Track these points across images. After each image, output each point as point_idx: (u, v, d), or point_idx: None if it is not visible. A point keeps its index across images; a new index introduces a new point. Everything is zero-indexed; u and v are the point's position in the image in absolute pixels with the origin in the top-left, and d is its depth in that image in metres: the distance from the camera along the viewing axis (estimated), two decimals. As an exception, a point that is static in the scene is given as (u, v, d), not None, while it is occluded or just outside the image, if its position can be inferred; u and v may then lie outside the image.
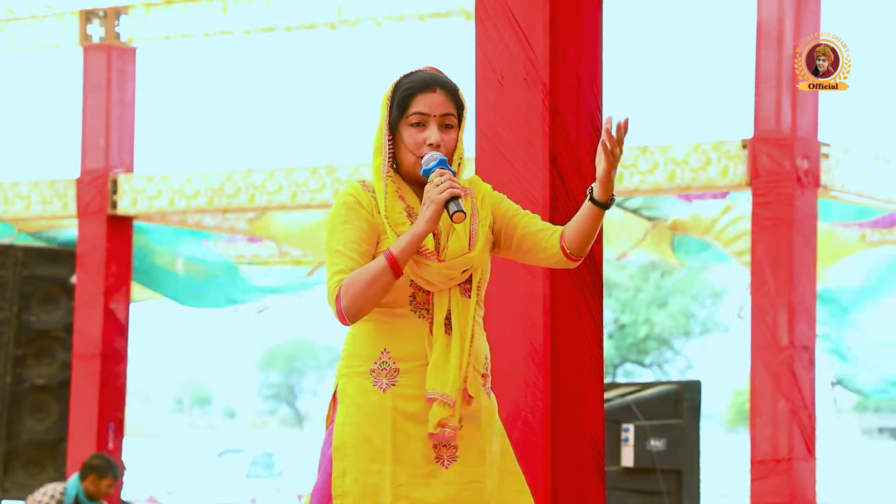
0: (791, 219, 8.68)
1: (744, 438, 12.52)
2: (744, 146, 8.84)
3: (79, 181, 10.85)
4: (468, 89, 4.70)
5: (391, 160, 3.85)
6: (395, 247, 3.71)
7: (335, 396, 3.87)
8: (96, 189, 10.75)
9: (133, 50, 10.89)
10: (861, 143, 9.58)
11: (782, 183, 8.71)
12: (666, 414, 8.83)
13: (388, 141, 3.84)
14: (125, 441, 10.74)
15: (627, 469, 8.69)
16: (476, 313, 3.84)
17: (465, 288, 3.82)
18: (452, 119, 3.84)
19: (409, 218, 3.81)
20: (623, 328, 39.21)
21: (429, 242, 3.77)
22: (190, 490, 27.73)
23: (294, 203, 10.27)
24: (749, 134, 8.85)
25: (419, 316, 3.80)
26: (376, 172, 3.85)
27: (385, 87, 3.87)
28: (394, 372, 3.78)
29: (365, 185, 3.85)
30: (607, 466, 8.11)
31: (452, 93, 3.85)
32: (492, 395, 3.91)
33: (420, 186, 3.82)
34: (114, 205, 10.75)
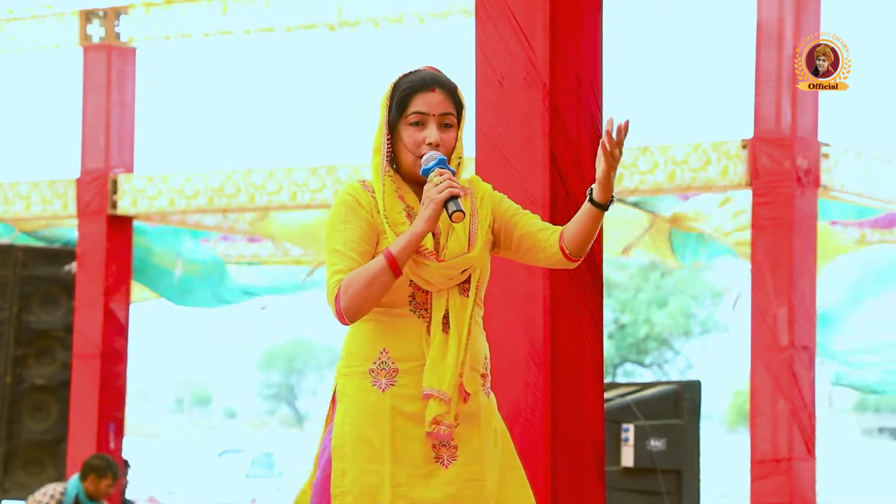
0: (791, 219, 8.68)
1: (744, 438, 12.52)
2: (744, 146, 8.83)
3: (79, 181, 10.85)
4: (468, 89, 4.70)
5: (390, 160, 3.85)
6: (395, 246, 3.70)
7: (334, 396, 3.87)
8: (96, 189, 10.75)
9: (133, 50, 10.89)
10: (861, 143, 9.57)
11: (782, 183, 8.71)
12: (666, 414, 8.83)
13: (388, 140, 3.84)
14: (125, 441, 10.74)
15: (627, 469, 8.69)
16: (475, 313, 3.84)
17: (464, 287, 3.82)
18: (452, 118, 3.84)
19: (409, 218, 3.81)
20: (623, 328, 39.21)
21: (428, 242, 3.77)
22: (190, 490, 27.74)
23: (294, 203, 10.27)
24: (749, 134, 8.85)
25: (418, 316, 3.79)
26: (376, 172, 3.85)
27: (384, 87, 3.87)
28: (393, 372, 3.78)
29: (365, 185, 3.85)
30: (607, 466, 8.11)
31: (451, 92, 3.85)
32: (491, 395, 3.91)
33: (420, 186, 3.82)
34: (114, 205, 10.74)
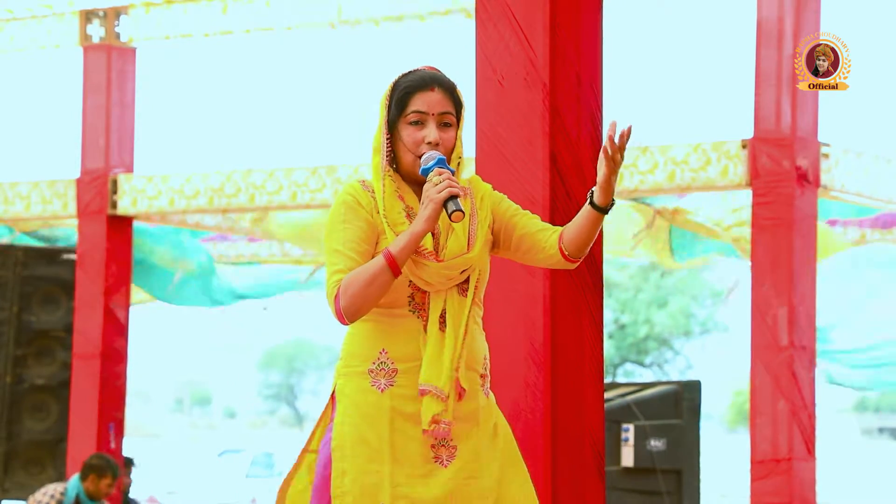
0: (791, 219, 8.68)
1: (744, 438, 12.51)
2: (744, 146, 8.83)
3: (79, 181, 10.85)
4: (468, 89, 4.70)
5: (390, 160, 3.85)
6: (394, 246, 3.70)
7: (333, 396, 3.87)
8: (96, 189, 10.74)
9: (133, 50, 10.89)
10: (861, 143, 9.57)
11: (782, 183, 8.71)
12: (666, 414, 8.83)
13: (387, 140, 3.84)
14: (125, 441, 10.74)
15: (627, 469, 8.69)
16: (475, 313, 3.84)
17: (463, 288, 3.81)
18: (451, 118, 3.84)
19: (409, 218, 3.80)
20: (623, 328, 39.21)
21: (427, 242, 3.76)
22: (190, 490, 27.74)
23: (294, 203, 10.27)
24: (749, 134, 8.85)
25: (418, 316, 3.79)
26: (375, 172, 3.85)
27: (384, 87, 3.87)
28: (392, 372, 3.78)
29: (364, 185, 3.85)
30: (607, 466, 8.11)
31: (451, 91, 3.85)
32: (491, 395, 3.91)
33: (420, 186, 3.82)
34: (114, 205, 10.74)
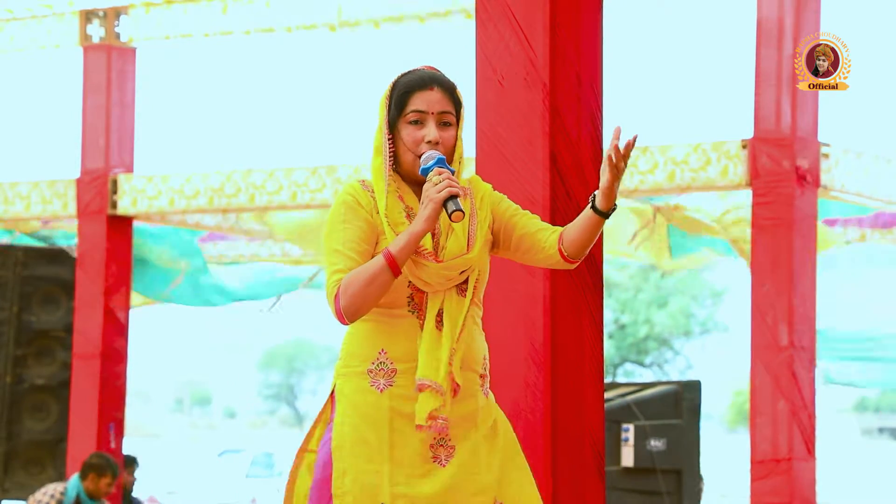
0: (791, 219, 8.67)
1: (744, 438, 12.51)
2: (744, 146, 8.82)
3: (79, 181, 10.84)
4: (468, 89, 4.70)
5: (392, 160, 3.84)
6: (394, 246, 3.70)
7: (332, 395, 3.87)
8: (96, 189, 10.74)
9: (133, 50, 10.88)
10: (861, 143, 9.56)
11: (782, 183, 8.71)
12: (666, 414, 8.83)
13: (388, 140, 3.84)
14: (125, 441, 10.74)
15: (627, 469, 8.69)
16: (474, 313, 3.84)
17: (461, 288, 3.81)
18: (451, 117, 3.84)
19: (409, 218, 3.80)
20: (623, 328, 39.23)
21: (427, 243, 3.76)
22: (190, 490, 27.75)
23: (294, 203, 10.26)
24: (749, 134, 8.84)
25: (417, 317, 3.79)
26: (376, 172, 3.84)
27: (384, 87, 3.87)
28: (391, 372, 3.78)
29: (364, 185, 3.84)
30: (607, 466, 8.11)
31: (450, 91, 3.85)
32: (490, 395, 3.91)
33: (419, 186, 3.81)
34: (114, 205, 10.73)
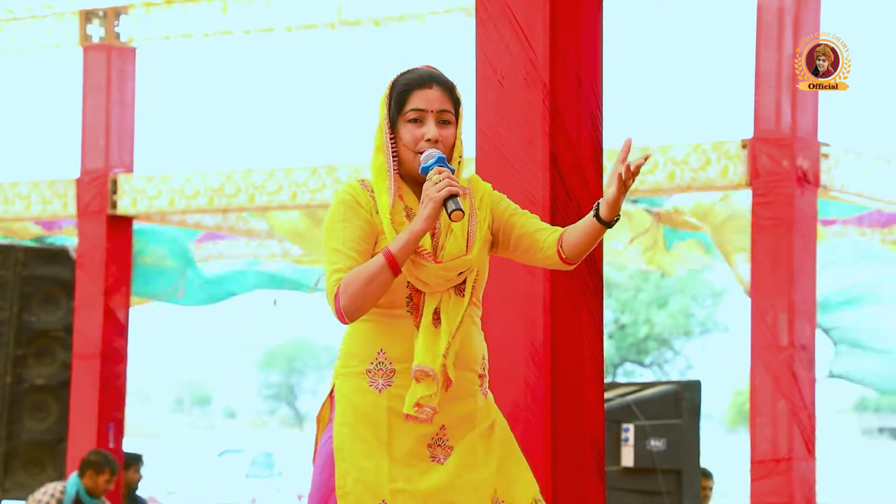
0: (791, 219, 8.67)
1: (744, 438, 12.51)
2: (744, 146, 8.82)
3: (79, 181, 10.84)
4: (468, 89, 4.70)
5: (396, 159, 3.84)
6: (394, 245, 3.70)
7: (331, 395, 3.87)
8: (96, 189, 10.74)
9: (133, 50, 10.88)
10: (861, 143, 9.56)
11: (782, 183, 8.71)
12: (666, 414, 8.82)
13: (390, 139, 3.84)
14: (125, 441, 10.74)
15: (627, 469, 8.68)
16: (472, 313, 3.83)
17: (460, 288, 3.81)
18: (450, 115, 3.83)
19: (408, 218, 3.80)
20: (623, 328, 39.24)
21: (426, 243, 3.76)
22: (190, 490, 27.75)
23: (294, 203, 10.26)
24: (749, 134, 8.84)
25: (416, 317, 3.79)
26: (377, 171, 3.84)
27: (383, 87, 3.87)
28: (390, 373, 3.78)
29: (364, 185, 3.84)
30: (607, 466, 8.10)
31: (449, 89, 3.85)
32: (489, 394, 3.92)
33: (419, 186, 3.81)
34: (114, 205, 10.73)
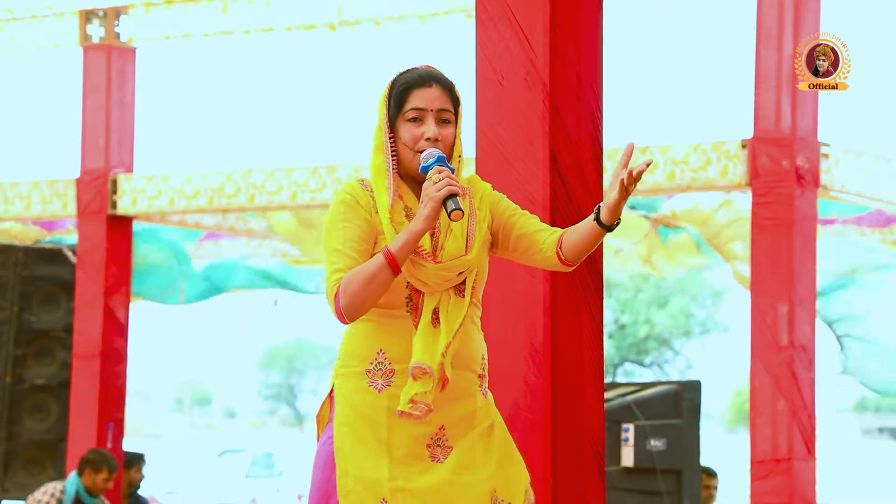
0: (791, 219, 8.67)
1: (744, 438, 12.51)
2: (743, 146, 8.83)
3: (79, 181, 10.84)
4: (468, 89, 4.70)
5: (395, 159, 3.84)
6: (393, 245, 3.70)
7: (331, 395, 3.87)
8: (96, 189, 10.74)
9: (133, 50, 10.88)
10: (861, 143, 9.56)
11: (782, 183, 8.71)
12: (666, 414, 8.82)
13: (389, 139, 3.83)
14: (125, 441, 10.74)
15: (627, 469, 8.68)
16: (472, 313, 3.83)
17: (459, 289, 3.81)
18: (449, 115, 3.83)
19: (408, 218, 3.80)
20: (623, 328, 39.24)
21: (425, 243, 3.76)
22: (190, 490, 27.74)
23: (294, 203, 10.26)
24: (749, 134, 8.84)
25: (415, 317, 3.79)
26: (376, 171, 3.84)
27: (382, 87, 3.87)
28: (389, 373, 3.78)
29: (363, 185, 3.84)
30: (607, 466, 8.10)
31: (448, 89, 3.84)
32: (489, 395, 3.92)
33: (418, 186, 3.81)
34: (114, 205, 10.73)
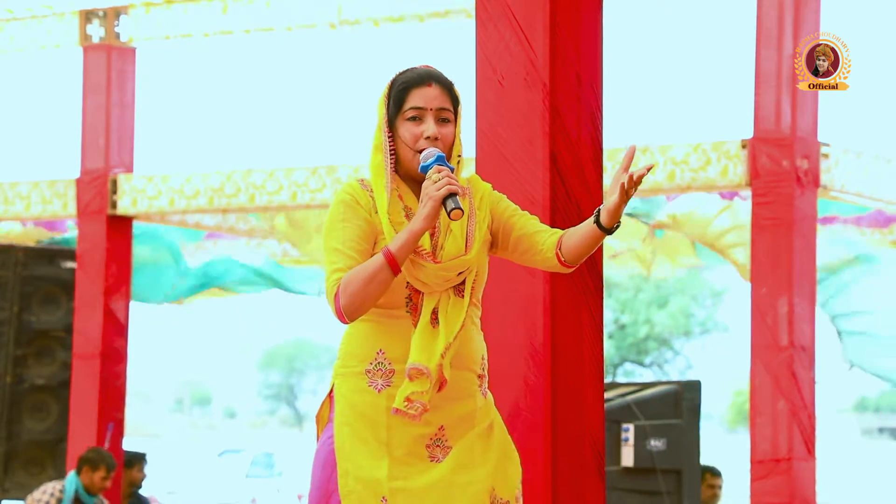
0: (791, 219, 8.68)
1: (744, 438, 12.51)
2: (743, 146, 8.83)
3: (79, 181, 10.84)
4: (468, 89, 4.70)
5: (392, 157, 3.84)
6: (393, 244, 3.70)
7: (331, 395, 3.87)
8: (96, 189, 10.74)
9: (133, 50, 10.88)
10: (861, 143, 9.56)
11: (782, 183, 8.71)
12: (666, 414, 8.82)
13: (388, 138, 3.83)
14: (125, 441, 10.74)
15: (627, 469, 8.68)
16: (472, 313, 3.83)
17: (459, 289, 3.81)
18: (449, 114, 3.83)
19: (407, 218, 3.80)
20: (623, 328, 39.25)
21: (425, 243, 3.76)
22: (190, 490, 27.75)
23: (294, 203, 10.26)
24: (749, 134, 8.85)
25: (415, 317, 3.79)
26: (376, 170, 3.84)
27: (382, 87, 3.87)
28: (389, 373, 3.78)
29: (363, 185, 3.84)
30: (607, 466, 8.10)
31: (448, 88, 3.85)
32: (489, 395, 3.92)
33: (418, 185, 3.81)
34: (114, 205, 10.73)
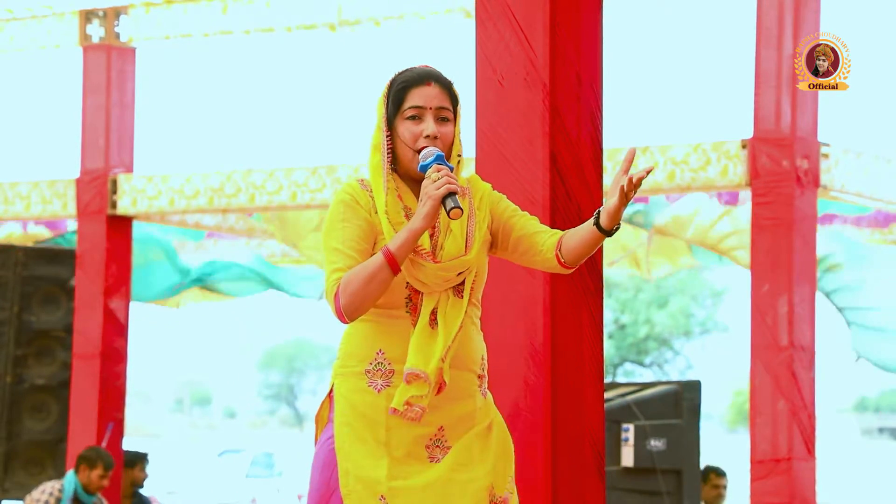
0: (791, 219, 8.68)
1: (744, 438, 12.50)
2: (743, 146, 8.83)
3: (79, 181, 10.84)
4: (468, 89, 4.70)
5: (391, 157, 3.84)
6: (393, 243, 3.70)
7: (330, 395, 3.87)
8: (96, 189, 10.74)
9: (133, 50, 10.88)
10: (861, 143, 9.56)
11: (782, 183, 8.71)
12: (666, 414, 8.83)
13: (387, 137, 3.84)
14: (126, 441, 10.74)
15: (627, 469, 8.68)
16: (472, 313, 3.83)
17: (458, 289, 3.81)
18: (448, 113, 3.84)
19: (407, 217, 3.80)
20: (623, 328, 39.26)
21: (424, 242, 3.76)
22: (190, 490, 27.74)
23: (294, 203, 10.26)
24: (749, 134, 8.85)
25: (414, 318, 3.79)
26: (375, 169, 3.84)
27: (381, 86, 3.88)
28: (389, 373, 3.78)
29: (363, 184, 3.84)
30: (607, 466, 8.10)
31: (447, 87, 3.85)
32: (488, 395, 3.92)
33: (418, 185, 3.81)
34: (114, 205, 10.73)
